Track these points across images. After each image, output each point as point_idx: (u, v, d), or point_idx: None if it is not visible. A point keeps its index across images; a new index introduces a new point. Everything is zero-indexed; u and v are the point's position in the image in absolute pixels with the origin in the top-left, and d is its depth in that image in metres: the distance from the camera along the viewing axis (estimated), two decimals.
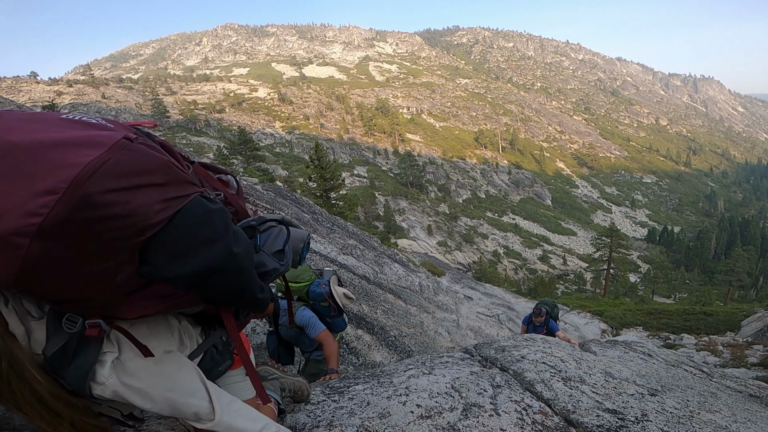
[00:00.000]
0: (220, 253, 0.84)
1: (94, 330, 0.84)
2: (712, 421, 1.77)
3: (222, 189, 1.11)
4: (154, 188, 0.77)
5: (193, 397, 0.98)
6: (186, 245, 0.82)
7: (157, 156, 0.81)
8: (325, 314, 3.01)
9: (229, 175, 1.20)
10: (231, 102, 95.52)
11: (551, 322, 5.61)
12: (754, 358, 10.76)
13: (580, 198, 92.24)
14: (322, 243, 7.02)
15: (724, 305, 31.25)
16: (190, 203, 0.82)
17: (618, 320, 18.53)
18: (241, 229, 1.00)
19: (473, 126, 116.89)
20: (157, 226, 0.77)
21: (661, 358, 2.83)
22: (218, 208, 0.88)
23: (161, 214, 0.77)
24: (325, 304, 3.02)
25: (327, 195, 22.65)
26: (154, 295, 0.88)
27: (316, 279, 3.05)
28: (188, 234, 0.82)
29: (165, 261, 0.81)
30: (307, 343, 3.00)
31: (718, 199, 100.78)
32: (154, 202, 0.76)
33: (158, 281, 0.86)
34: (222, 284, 0.91)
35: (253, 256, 0.99)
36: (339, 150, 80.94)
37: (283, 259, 1.13)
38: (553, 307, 5.88)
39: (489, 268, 49.53)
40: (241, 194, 1.23)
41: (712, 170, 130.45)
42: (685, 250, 66.48)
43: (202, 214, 0.83)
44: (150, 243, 0.78)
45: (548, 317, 5.64)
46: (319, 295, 2.98)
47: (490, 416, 1.68)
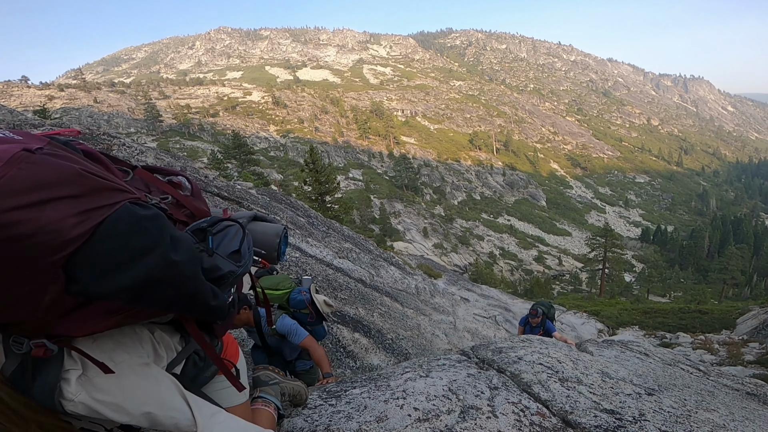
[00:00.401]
0: (156, 264, 0.78)
1: (39, 350, 0.79)
2: (709, 420, 1.77)
3: (171, 191, 1.06)
4: (66, 201, 0.71)
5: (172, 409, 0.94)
6: (115, 259, 0.75)
7: (65, 166, 0.74)
8: (306, 322, 2.99)
9: (182, 176, 1.14)
10: (225, 106, 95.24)
11: (548, 322, 5.62)
12: (750, 355, 10.82)
13: (574, 198, 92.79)
14: (318, 247, 6.99)
15: (718, 303, 31.49)
16: (115, 212, 0.75)
17: (614, 320, 18.60)
18: (186, 234, 0.95)
19: (467, 128, 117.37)
20: (77, 241, 0.71)
21: (658, 357, 2.83)
22: (151, 214, 0.80)
23: (79, 227, 0.71)
24: (305, 311, 3.02)
25: (322, 198, 22.61)
26: (100, 311, 0.82)
27: (295, 287, 3.04)
28: (116, 246, 0.75)
29: (94, 278, 0.74)
30: (288, 351, 2.97)
31: (711, 198, 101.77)
32: (66, 216, 0.70)
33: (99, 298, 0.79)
34: (165, 296, 0.84)
35: (198, 261, 0.92)
36: (334, 153, 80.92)
37: (240, 260, 1.05)
38: (550, 308, 5.89)
39: (485, 270, 49.63)
40: (198, 195, 1.16)
41: (703, 169, 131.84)
42: (678, 249, 67.03)
43: (131, 223, 0.76)
44: (73, 260, 0.72)
45: (545, 318, 5.65)
46: (300, 302, 2.97)
47: (488, 418, 1.67)
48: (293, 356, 3.00)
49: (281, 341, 2.90)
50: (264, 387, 1.73)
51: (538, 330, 5.64)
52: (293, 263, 5.49)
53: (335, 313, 5.07)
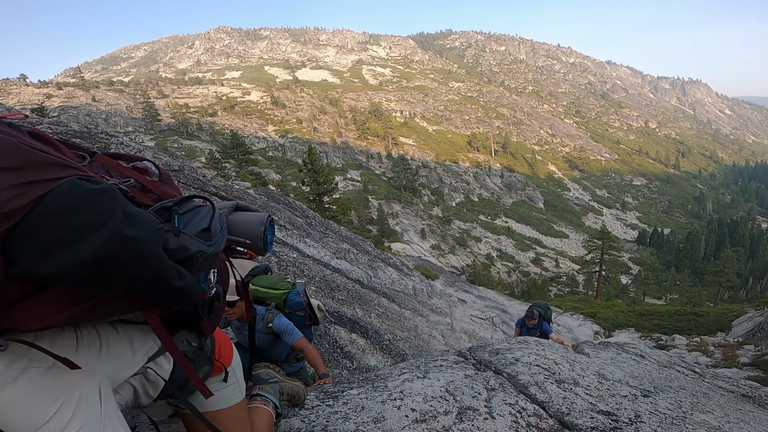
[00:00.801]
0: (107, 239, 0.70)
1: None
2: (705, 422, 1.78)
3: (136, 176, 0.99)
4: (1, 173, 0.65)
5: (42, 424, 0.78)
6: (60, 235, 0.67)
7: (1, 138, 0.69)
8: (300, 324, 2.96)
9: (148, 161, 1.08)
10: (223, 105, 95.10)
11: (544, 324, 5.64)
12: (746, 358, 10.86)
13: (572, 201, 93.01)
14: (316, 247, 6.99)
15: (714, 306, 31.60)
16: (59, 187, 0.69)
17: (610, 322, 18.64)
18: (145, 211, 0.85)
19: (466, 129, 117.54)
20: (13, 217, 0.65)
21: (654, 359, 2.85)
22: (101, 188, 0.73)
23: (15, 201, 0.65)
24: (301, 314, 2.99)
25: (320, 199, 22.60)
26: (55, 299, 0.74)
27: (293, 288, 3.02)
28: (61, 222, 0.68)
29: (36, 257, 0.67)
30: (278, 351, 2.92)
31: (707, 200, 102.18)
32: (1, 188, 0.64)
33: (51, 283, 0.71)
34: (123, 276, 0.75)
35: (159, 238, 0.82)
36: (332, 154, 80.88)
37: (210, 238, 0.96)
38: (546, 310, 5.91)
39: (482, 271, 49.70)
40: (168, 180, 1.08)
41: (700, 172, 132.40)
42: (675, 251, 67.25)
43: (78, 197, 0.69)
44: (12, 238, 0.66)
45: (541, 319, 5.67)
46: (298, 304, 2.95)
47: (485, 419, 1.68)
48: (282, 358, 2.96)
49: (271, 341, 2.85)
50: (263, 385, 1.71)
51: (535, 332, 5.66)
52: (291, 263, 5.49)
53: (333, 313, 5.07)
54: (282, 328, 2.75)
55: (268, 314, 2.81)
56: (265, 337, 2.82)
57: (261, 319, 2.80)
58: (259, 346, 2.83)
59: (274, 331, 2.77)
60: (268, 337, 2.82)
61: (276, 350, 2.89)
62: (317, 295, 5.20)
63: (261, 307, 2.84)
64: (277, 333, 2.77)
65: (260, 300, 2.90)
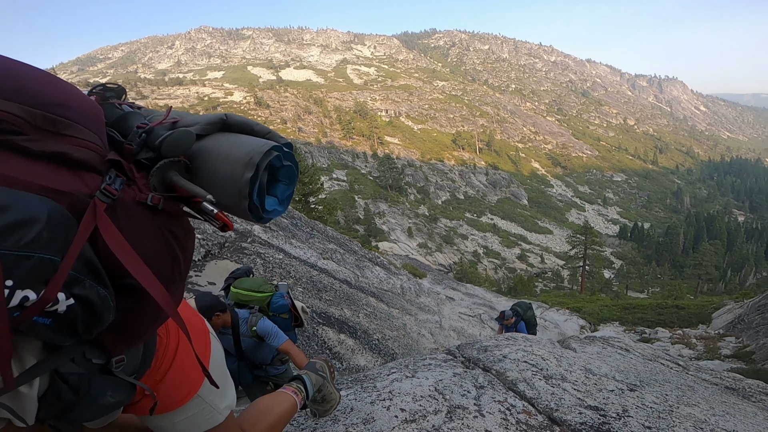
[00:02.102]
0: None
1: None
2: (691, 415, 1.80)
3: None
4: None
5: None
6: None
7: None
8: (285, 327, 2.93)
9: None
10: (205, 106, 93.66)
11: (520, 324, 5.68)
12: (727, 350, 11.15)
13: (555, 197, 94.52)
14: (302, 248, 6.92)
15: (694, 298, 32.50)
16: None
17: (595, 316, 18.98)
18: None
19: (451, 128, 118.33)
20: None
21: (638, 353, 2.89)
22: None
23: None
24: (285, 316, 2.96)
25: (306, 199, 22.45)
26: None
27: (276, 291, 2.98)
28: None
29: None
30: (263, 355, 2.88)
31: (685, 195, 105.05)
32: None
33: None
34: None
35: None
36: (317, 154, 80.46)
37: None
38: (527, 309, 5.92)
39: (469, 269, 50.09)
40: None
41: (677, 168, 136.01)
42: (655, 245, 68.87)
43: None
44: None
45: (519, 319, 5.72)
46: (282, 307, 2.91)
47: (475, 417, 1.67)
48: (267, 361, 2.93)
49: (256, 345, 2.81)
50: (311, 372, 1.50)
51: (512, 330, 5.71)
52: (277, 265, 5.42)
53: (321, 314, 5.02)
54: (266, 332, 2.71)
55: (252, 317, 2.76)
56: (249, 341, 2.78)
57: (245, 323, 2.75)
58: (244, 349, 2.80)
59: (258, 334, 2.73)
60: (253, 340, 2.78)
61: (260, 353, 2.85)
62: (304, 297, 5.15)
63: (244, 311, 2.80)
64: (261, 336, 2.73)
65: (243, 303, 2.86)
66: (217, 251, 4.80)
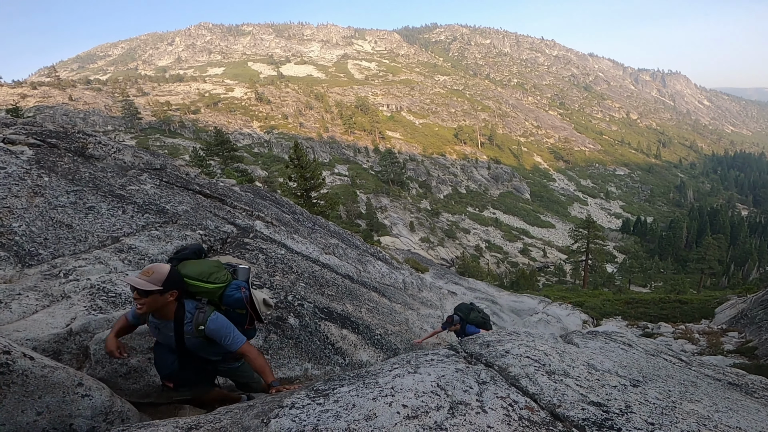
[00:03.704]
0: None
1: None
2: (694, 411, 1.80)
3: None
4: None
5: None
6: None
7: None
8: (241, 323, 2.44)
9: None
10: (206, 102, 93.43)
11: (468, 327, 5.42)
12: (730, 345, 11.12)
13: (558, 191, 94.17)
14: (304, 243, 6.92)
15: (697, 293, 32.41)
16: None
17: (598, 310, 18.96)
18: None
19: (452, 122, 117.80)
20: None
21: (641, 348, 2.88)
22: None
23: None
24: (241, 311, 2.45)
25: (308, 194, 22.42)
26: None
27: (232, 280, 2.47)
28: None
29: None
30: (213, 350, 2.39)
31: (688, 189, 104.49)
32: None
33: None
34: None
35: None
36: (319, 149, 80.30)
37: None
38: (470, 312, 5.64)
39: (472, 263, 50.08)
40: None
41: (681, 162, 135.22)
42: (658, 239, 68.64)
43: None
44: None
45: (464, 323, 5.47)
46: (237, 301, 2.41)
47: (477, 414, 1.67)
48: (218, 356, 2.44)
49: (204, 344, 2.32)
50: None
51: (461, 335, 5.47)
52: (279, 260, 5.42)
53: (323, 309, 5.03)
54: (219, 334, 2.24)
55: (199, 314, 2.25)
56: (195, 341, 2.29)
57: (190, 319, 2.25)
58: (192, 347, 2.32)
59: (206, 335, 2.25)
60: (199, 340, 2.29)
61: (210, 350, 2.37)
62: (307, 292, 5.15)
63: (190, 302, 2.29)
64: (209, 338, 2.27)
65: (188, 293, 2.31)
66: (219, 247, 4.80)
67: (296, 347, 4.04)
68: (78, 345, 2.69)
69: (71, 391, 1.98)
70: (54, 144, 5.09)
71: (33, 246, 3.46)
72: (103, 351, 2.58)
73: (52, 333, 2.61)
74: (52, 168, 4.55)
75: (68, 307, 2.90)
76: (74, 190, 4.37)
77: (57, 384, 1.94)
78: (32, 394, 1.84)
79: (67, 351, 2.63)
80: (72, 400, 1.96)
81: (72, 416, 1.94)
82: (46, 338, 2.56)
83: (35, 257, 3.37)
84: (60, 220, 3.86)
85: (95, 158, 5.39)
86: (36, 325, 2.63)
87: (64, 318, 2.78)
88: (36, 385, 1.86)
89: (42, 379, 1.89)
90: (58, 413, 1.90)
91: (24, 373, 1.84)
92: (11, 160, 4.27)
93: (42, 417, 1.85)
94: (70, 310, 2.88)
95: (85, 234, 3.87)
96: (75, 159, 5.04)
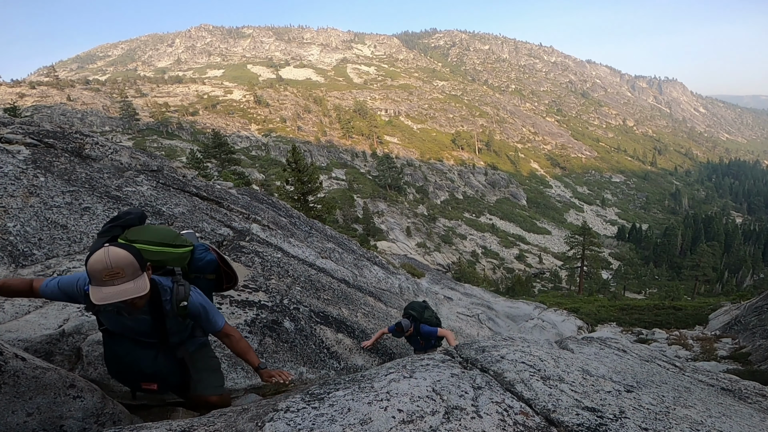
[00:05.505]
0: None
1: None
2: (687, 417, 1.80)
3: None
4: None
5: None
6: None
7: None
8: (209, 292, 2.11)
9: None
10: (205, 104, 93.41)
11: (422, 327, 5.05)
12: (724, 351, 11.17)
13: (554, 198, 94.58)
14: (300, 247, 6.91)
15: (691, 299, 32.54)
16: None
17: (593, 316, 18.98)
18: None
19: (450, 128, 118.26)
20: None
21: (635, 354, 2.89)
22: None
23: None
24: (211, 277, 2.14)
25: (305, 198, 22.40)
26: None
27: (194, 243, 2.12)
28: None
29: None
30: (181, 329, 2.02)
31: (683, 197, 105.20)
32: None
33: None
34: None
35: None
36: (317, 153, 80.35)
37: None
38: (422, 310, 5.23)
39: (468, 269, 50.11)
40: None
41: (676, 169, 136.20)
42: (653, 246, 68.96)
43: None
44: None
45: (417, 324, 5.07)
46: (209, 263, 2.08)
47: (472, 419, 1.67)
48: (185, 335, 2.06)
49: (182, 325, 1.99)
50: None
51: (418, 340, 5.16)
52: (275, 263, 5.41)
53: (318, 313, 5.01)
54: (203, 309, 1.96)
55: (179, 288, 1.92)
56: (175, 321, 1.95)
57: (169, 296, 1.91)
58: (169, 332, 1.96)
59: (189, 313, 1.94)
60: (177, 320, 1.95)
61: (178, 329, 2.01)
62: (303, 296, 5.14)
63: (164, 278, 1.94)
64: (193, 316, 1.96)
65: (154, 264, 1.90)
66: None
67: (291, 351, 4.02)
68: (70, 346, 2.67)
69: (63, 393, 1.96)
70: (51, 144, 5.08)
71: (27, 246, 3.44)
72: (95, 353, 2.56)
73: (44, 334, 2.59)
74: (49, 168, 4.53)
75: (61, 308, 2.89)
76: (70, 190, 4.35)
77: (48, 385, 1.92)
78: (23, 395, 1.83)
79: (59, 352, 2.61)
80: (63, 401, 1.95)
81: (63, 417, 1.92)
82: (39, 339, 2.55)
83: (29, 258, 3.35)
84: (55, 220, 3.85)
85: (92, 159, 5.37)
86: (28, 325, 2.62)
87: (57, 319, 2.77)
88: (27, 386, 1.84)
89: (33, 380, 1.88)
90: (49, 414, 1.88)
91: (15, 374, 1.82)
92: (8, 159, 4.26)
93: (32, 418, 1.83)
94: (62, 311, 2.86)
95: (80, 235, 3.86)
96: (71, 159, 5.03)
